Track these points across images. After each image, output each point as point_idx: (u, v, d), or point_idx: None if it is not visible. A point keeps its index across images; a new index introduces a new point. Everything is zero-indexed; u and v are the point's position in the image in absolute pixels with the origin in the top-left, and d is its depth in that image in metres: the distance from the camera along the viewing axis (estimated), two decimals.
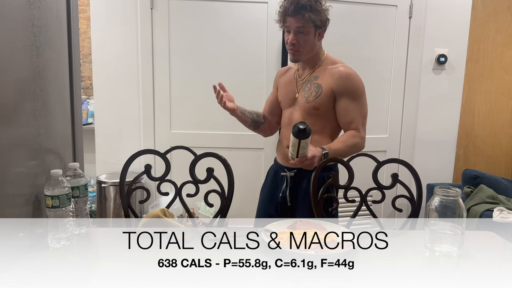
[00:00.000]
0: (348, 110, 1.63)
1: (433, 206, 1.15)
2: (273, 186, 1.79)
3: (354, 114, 1.63)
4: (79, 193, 1.20)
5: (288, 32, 1.61)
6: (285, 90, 1.77)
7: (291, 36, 1.60)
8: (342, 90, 1.62)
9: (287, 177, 1.71)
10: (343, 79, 1.62)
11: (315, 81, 1.66)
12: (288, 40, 1.61)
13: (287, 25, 1.60)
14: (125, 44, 2.69)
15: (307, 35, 1.60)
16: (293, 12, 1.56)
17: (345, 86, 1.62)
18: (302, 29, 1.58)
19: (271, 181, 1.81)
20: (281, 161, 1.76)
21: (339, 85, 1.62)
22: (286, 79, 1.78)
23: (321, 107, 1.64)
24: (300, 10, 1.55)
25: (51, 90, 1.20)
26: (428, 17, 2.86)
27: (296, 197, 1.71)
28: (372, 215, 1.58)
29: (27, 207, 1.08)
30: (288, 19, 1.58)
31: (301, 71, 1.74)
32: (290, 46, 1.62)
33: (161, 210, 1.42)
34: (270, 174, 1.85)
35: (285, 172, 1.72)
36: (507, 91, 3.07)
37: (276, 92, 1.84)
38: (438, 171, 3.06)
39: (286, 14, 1.58)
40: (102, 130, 2.79)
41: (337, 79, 1.62)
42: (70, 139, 1.33)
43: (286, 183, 1.72)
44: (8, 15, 0.98)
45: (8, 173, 0.99)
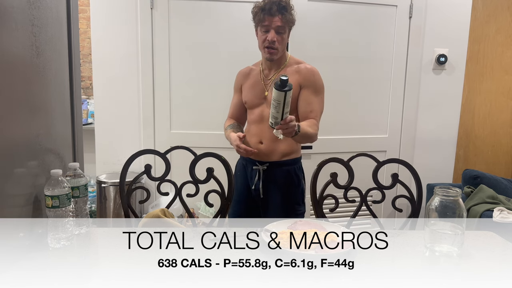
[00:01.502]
0: (310, 101, 1.73)
1: (433, 206, 1.15)
2: (244, 181, 1.86)
3: (315, 106, 1.73)
4: (79, 193, 1.20)
5: (266, 31, 1.68)
6: (252, 90, 1.82)
7: (272, 34, 1.66)
8: (307, 83, 1.73)
9: (259, 171, 1.78)
10: (309, 74, 1.73)
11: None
12: (269, 38, 1.67)
13: (266, 24, 1.66)
14: (125, 44, 2.69)
15: (284, 35, 1.70)
16: (275, 12, 1.63)
17: (310, 79, 1.73)
18: (281, 28, 1.67)
19: (241, 176, 1.87)
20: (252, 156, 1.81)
21: (304, 79, 1.72)
22: (252, 80, 1.84)
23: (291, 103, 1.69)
24: (282, 10, 1.65)
25: (51, 90, 1.20)
26: (428, 17, 2.86)
27: (268, 189, 1.79)
28: (372, 215, 1.58)
29: (27, 207, 1.08)
30: (269, 19, 1.65)
31: (267, 71, 1.81)
32: (271, 45, 1.68)
33: (161, 210, 1.42)
34: (238, 169, 1.90)
35: (257, 166, 1.78)
36: (507, 91, 3.07)
37: (241, 95, 1.90)
38: (438, 171, 3.06)
39: (266, 14, 1.65)
40: (102, 130, 2.79)
41: (304, 74, 1.73)
42: (70, 139, 1.33)
43: (259, 176, 1.78)
44: (8, 15, 0.98)
45: (8, 173, 0.99)
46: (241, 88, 1.90)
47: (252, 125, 1.84)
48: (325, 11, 2.72)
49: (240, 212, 1.86)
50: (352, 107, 2.84)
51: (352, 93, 2.84)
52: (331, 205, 1.55)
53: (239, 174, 1.89)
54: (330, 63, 2.71)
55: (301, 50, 2.60)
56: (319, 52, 2.72)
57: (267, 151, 1.77)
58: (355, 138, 2.86)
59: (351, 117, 2.85)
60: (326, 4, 2.71)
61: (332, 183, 1.54)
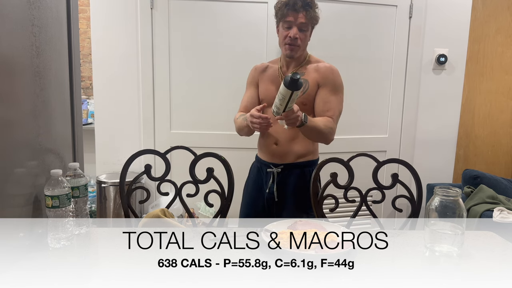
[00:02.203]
0: (328, 100, 1.68)
1: (433, 206, 1.15)
2: (258, 183, 1.81)
3: (333, 105, 1.68)
4: (79, 193, 1.20)
5: (289, 27, 1.63)
6: (270, 87, 1.76)
7: (295, 31, 1.62)
8: (326, 81, 1.68)
9: (273, 173, 1.74)
10: (329, 72, 1.69)
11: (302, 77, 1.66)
12: (291, 35, 1.62)
13: (289, 20, 1.62)
14: (125, 44, 2.69)
15: (307, 32, 1.66)
16: (299, 8, 1.59)
17: (329, 78, 1.69)
18: (304, 25, 1.63)
19: (255, 179, 1.83)
20: (266, 158, 1.78)
21: (323, 77, 1.68)
22: (269, 77, 1.78)
23: (308, 102, 1.69)
24: (306, 7, 1.60)
25: (51, 90, 1.20)
26: (428, 17, 2.86)
27: (283, 192, 1.74)
28: (372, 215, 1.58)
29: (27, 207, 1.08)
30: (293, 14, 1.60)
31: (285, 69, 1.77)
32: (292, 41, 1.63)
33: (161, 210, 1.42)
34: (253, 171, 1.86)
35: (271, 168, 1.75)
36: (507, 91, 3.07)
37: (257, 90, 1.82)
38: (438, 171, 3.06)
39: (290, 9, 1.60)
40: (102, 130, 2.79)
41: (323, 72, 1.69)
42: (70, 139, 1.33)
43: (273, 178, 1.74)
44: (8, 15, 0.98)
45: (8, 173, 0.99)
46: (257, 83, 1.83)
47: None
48: (325, 11, 2.70)
49: (251, 215, 1.80)
50: (352, 107, 2.84)
51: (352, 93, 2.83)
52: (331, 205, 1.55)
53: (253, 176, 1.84)
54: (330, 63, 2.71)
55: None
56: (319, 52, 2.69)
57: (281, 153, 1.73)
58: (355, 138, 2.86)
59: (351, 117, 2.84)
60: (326, 4, 2.71)
61: (332, 183, 1.54)
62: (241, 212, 1.86)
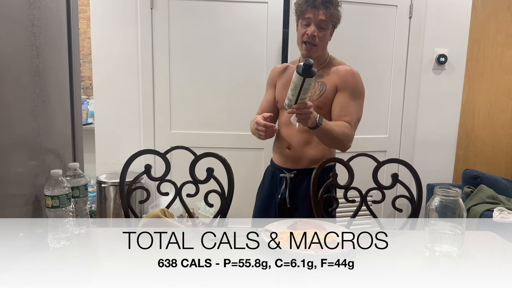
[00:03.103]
0: (347, 105, 1.60)
1: (433, 206, 1.15)
2: (271, 188, 1.77)
3: (351, 110, 1.60)
4: (79, 193, 1.20)
5: (307, 25, 1.56)
6: (285, 89, 1.68)
7: (313, 28, 1.55)
8: (345, 85, 1.60)
9: (286, 179, 1.70)
10: (349, 75, 1.61)
11: (319, 80, 1.63)
12: (308, 32, 1.55)
13: (308, 17, 1.55)
14: (125, 44, 2.69)
15: (326, 31, 1.58)
16: (319, 4, 1.52)
17: (349, 82, 1.60)
18: (324, 23, 1.55)
19: (269, 183, 1.79)
20: (279, 163, 1.74)
21: (343, 81, 1.60)
22: (287, 78, 1.70)
23: (324, 106, 1.62)
24: (327, 4, 1.53)
25: (51, 90, 1.20)
26: (428, 17, 2.86)
27: (295, 198, 1.70)
28: (372, 215, 1.58)
29: (27, 207, 1.08)
30: (312, 11, 1.54)
31: None
32: (310, 39, 1.56)
33: (161, 210, 1.42)
34: (267, 176, 1.82)
35: (284, 174, 1.71)
36: (507, 91, 3.07)
37: (274, 92, 1.78)
38: (438, 171, 3.06)
39: (310, 5, 1.53)
40: (102, 130, 2.79)
41: (343, 75, 1.61)
42: (70, 139, 1.33)
43: (286, 184, 1.70)
44: (8, 15, 0.98)
45: (8, 173, 0.99)
46: (275, 84, 1.77)
47: (281, 128, 1.73)
48: None
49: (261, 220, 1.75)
50: None
51: None
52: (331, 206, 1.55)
53: (267, 181, 1.79)
54: None
55: None
56: None
57: (294, 157, 1.68)
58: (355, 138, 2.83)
59: None
60: None
61: (332, 183, 1.54)
62: (254, 216, 1.83)
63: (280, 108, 1.76)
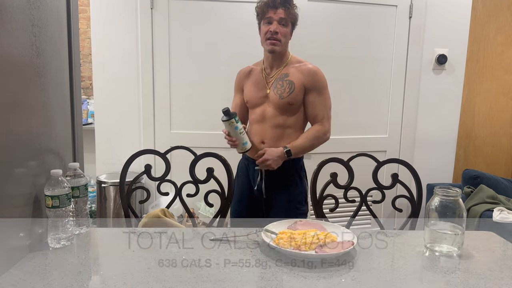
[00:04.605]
0: (315, 103, 1.76)
1: (433, 206, 1.15)
2: (246, 181, 1.85)
3: (320, 106, 1.77)
4: (79, 193, 1.20)
5: (269, 23, 1.71)
6: (254, 89, 1.83)
7: (275, 25, 1.70)
8: (311, 86, 1.75)
9: (261, 171, 1.78)
10: (312, 75, 1.75)
11: (286, 78, 1.76)
12: (271, 29, 1.70)
13: (270, 16, 1.70)
14: (125, 44, 2.69)
15: (287, 28, 1.73)
16: (278, 4, 1.68)
17: (313, 81, 1.75)
18: (284, 21, 1.71)
19: (244, 176, 1.87)
20: (253, 155, 1.81)
21: (308, 81, 1.75)
22: (254, 79, 1.85)
23: (295, 102, 1.75)
24: (285, 3, 1.69)
25: (51, 90, 1.20)
26: (428, 17, 2.86)
27: (271, 189, 1.79)
28: (372, 215, 1.58)
29: (27, 207, 1.08)
30: (272, 10, 1.69)
31: (269, 70, 1.82)
32: (273, 35, 1.70)
33: (161, 210, 1.42)
34: (241, 169, 1.90)
35: (258, 166, 1.78)
36: (507, 91, 3.07)
37: (242, 95, 1.90)
38: (438, 171, 3.06)
39: (270, 6, 1.69)
40: (102, 130, 2.79)
41: (307, 75, 1.75)
42: (70, 139, 1.33)
43: (261, 176, 1.78)
44: (8, 15, 0.98)
45: (8, 173, 0.99)
46: (243, 87, 1.90)
47: (254, 125, 1.84)
48: (325, 11, 2.72)
49: (241, 212, 1.86)
50: (352, 107, 2.84)
51: (352, 93, 2.84)
52: (331, 205, 1.55)
53: (241, 174, 1.88)
54: (329, 63, 2.71)
55: (301, 50, 2.59)
56: (319, 52, 2.72)
57: None
58: (355, 138, 2.86)
59: (351, 117, 2.85)
60: (326, 4, 2.72)
61: (332, 183, 1.54)
62: (231, 209, 1.89)
63: (250, 108, 1.88)
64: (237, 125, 1.63)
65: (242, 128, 1.65)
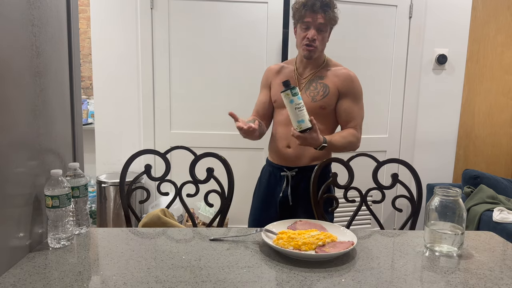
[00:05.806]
0: (350, 110, 1.68)
1: (433, 206, 1.15)
2: (270, 187, 1.77)
3: (355, 114, 1.68)
4: (79, 193, 1.20)
5: (307, 28, 1.61)
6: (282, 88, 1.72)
7: (313, 32, 1.60)
8: (346, 91, 1.67)
9: (287, 177, 1.71)
10: (349, 81, 1.67)
11: (320, 81, 1.68)
12: (309, 36, 1.60)
13: (308, 21, 1.60)
14: (125, 44, 2.69)
15: (325, 33, 1.64)
16: (318, 8, 1.57)
17: (350, 87, 1.67)
18: (323, 26, 1.61)
19: (267, 182, 1.79)
20: (278, 161, 1.75)
21: (344, 86, 1.67)
22: (284, 77, 1.73)
23: (327, 107, 1.67)
24: (325, 8, 1.58)
25: (51, 90, 1.20)
26: (428, 17, 2.86)
27: (297, 195, 1.71)
28: (372, 215, 1.58)
29: (27, 207, 1.08)
30: (311, 15, 1.59)
31: (302, 70, 1.73)
32: (311, 42, 1.61)
33: (161, 210, 1.42)
34: (264, 175, 1.82)
35: (284, 172, 1.72)
36: (507, 91, 3.08)
37: (269, 92, 1.79)
38: (438, 171, 3.06)
39: (309, 10, 1.58)
40: (102, 130, 2.79)
41: (343, 80, 1.67)
42: (70, 139, 1.33)
43: (287, 182, 1.71)
44: (8, 15, 0.98)
45: (8, 173, 0.99)
46: (270, 85, 1.79)
47: (279, 127, 1.74)
48: None
49: (261, 220, 1.75)
50: None
51: None
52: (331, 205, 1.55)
53: (264, 181, 1.80)
54: None
55: None
56: None
57: (295, 156, 1.70)
58: None
59: None
60: None
61: (332, 183, 1.54)
62: (251, 216, 1.82)
63: (276, 108, 1.77)
64: (293, 99, 1.43)
65: (299, 103, 1.44)
